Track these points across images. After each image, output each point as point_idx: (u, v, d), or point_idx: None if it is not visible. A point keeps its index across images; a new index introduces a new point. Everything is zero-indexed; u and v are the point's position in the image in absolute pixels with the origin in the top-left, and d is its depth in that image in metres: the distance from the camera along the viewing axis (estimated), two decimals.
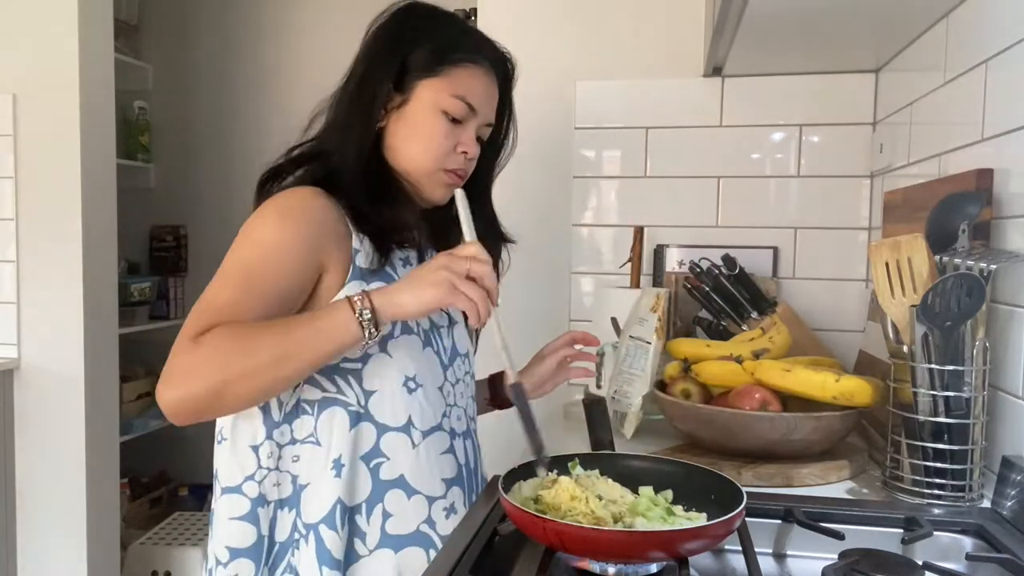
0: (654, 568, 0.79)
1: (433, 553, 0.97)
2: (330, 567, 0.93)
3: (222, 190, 3.24)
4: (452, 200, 1.02)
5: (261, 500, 0.96)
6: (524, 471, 0.92)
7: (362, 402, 0.96)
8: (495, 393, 1.24)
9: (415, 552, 0.98)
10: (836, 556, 0.85)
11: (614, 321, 1.57)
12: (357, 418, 0.96)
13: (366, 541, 0.97)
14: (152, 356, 3.23)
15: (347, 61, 1.10)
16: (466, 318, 0.98)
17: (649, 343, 1.40)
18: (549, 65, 1.88)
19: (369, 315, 0.87)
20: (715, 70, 1.74)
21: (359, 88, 1.01)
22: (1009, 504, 0.95)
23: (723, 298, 1.60)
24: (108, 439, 2.49)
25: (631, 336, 1.44)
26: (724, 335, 1.58)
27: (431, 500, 1.00)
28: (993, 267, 0.99)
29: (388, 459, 0.98)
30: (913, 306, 1.02)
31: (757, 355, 1.35)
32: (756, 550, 0.83)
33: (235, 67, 3.21)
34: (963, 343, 1.00)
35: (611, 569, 0.79)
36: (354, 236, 0.97)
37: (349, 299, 0.87)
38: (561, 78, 1.87)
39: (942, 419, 1.01)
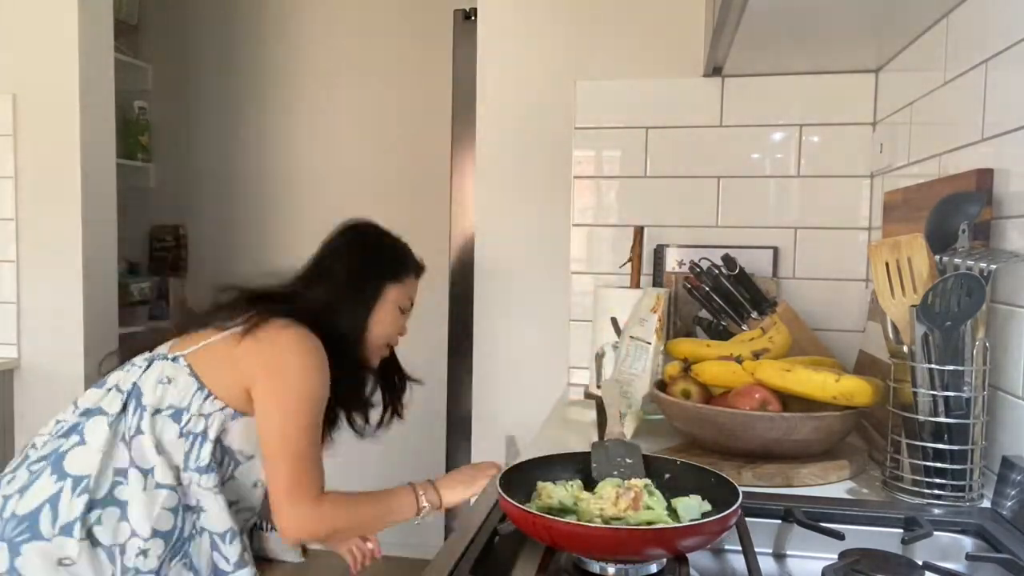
0: (654, 568, 0.79)
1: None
2: (220, 556, 1.27)
3: (222, 190, 3.24)
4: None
5: (184, 505, 1.24)
6: (536, 472, 0.92)
7: (230, 474, 1.32)
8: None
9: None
10: (836, 556, 0.85)
11: (614, 321, 1.57)
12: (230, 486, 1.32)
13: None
14: None
15: (347, 61, 1.11)
16: None
17: (649, 343, 1.40)
18: (549, 65, 1.89)
19: (426, 505, 1.32)
20: (715, 70, 1.74)
21: (355, 288, 1.40)
22: (1009, 504, 0.95)
23: (723, 298, 1.60)
24: None
25: (631, 336, 1.45)
26: (724, 335, 1.58)
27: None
28: (993, 267, 0.98)
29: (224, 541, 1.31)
30: (913, 306, 1.01)
31: (757, 355, 1.35)
32: (756, 550, 0.83)
33: (235, 67, 3.21)
34: (963, 343, 1.00)
35: (611, 569, 0.79)
36: None
37: (415, 491, 1.32)
38: (561, 78, 1.87)
39: (942, 419, 1.01)
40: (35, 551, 1.13)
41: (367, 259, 1.44)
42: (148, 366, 1.30)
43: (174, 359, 1.28)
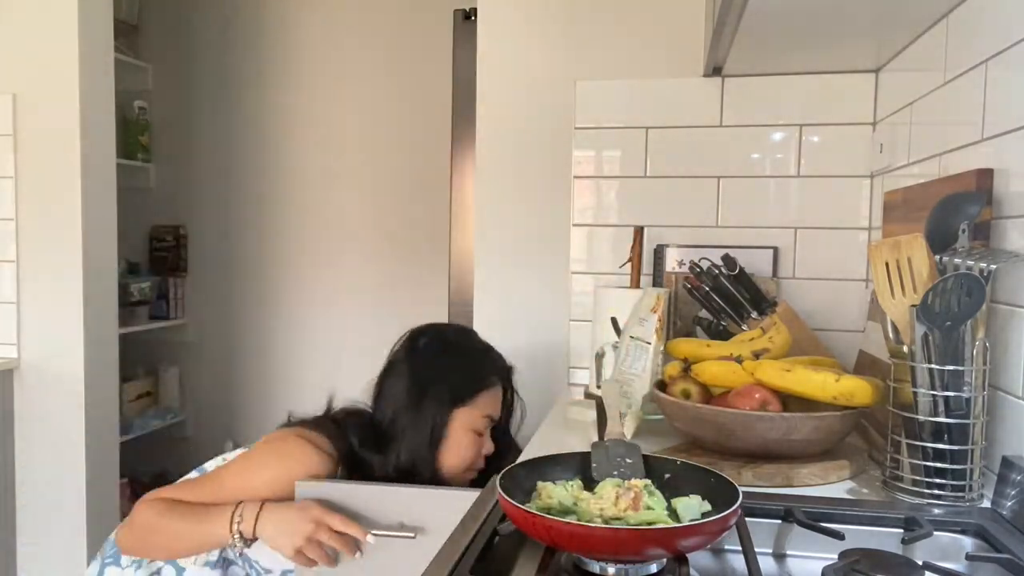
0: (654, 568, 0.79)
1: None
2: None
3: (222, 190, 3.24)
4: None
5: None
6: (536, 472, 0.92)
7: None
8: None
9: None
10: (836, 556, 0.85)
11: (614, 321, 1.57)
12: None
13: None
14: (152, 356, 3.23)
15: (346, 61, 1.11)
16: None
17: (649, 343, 1.40)
18: (549, 65, 1.89)
19: (237, 531, 1.21)
20: (715, 70, 1.74)
21: (415, 425, 1.30)
22: (1009, 504, 0.95)
23: (723, 298, 1.60)
24: (108, 439, 2.49)
25: (631, 336, 1.44)
26: (724, 335, 1.58)
27: None
28: (993, 267, 0.98)
29: None
30: (913, 306, 1.01)
31: (757, 355, 1.35)
32: (756, 550, 0.83)
33: (235, 67, 3.21)
34: (963, 343, 1.00)
35: (611, 569, 0.79)
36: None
37: (231, 522, 1.20)
38: (561, 78, 1.87)
39: (942, 419, 1.01)
40: None
41: (427, 381, 1.32)
42: None
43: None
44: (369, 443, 1.30)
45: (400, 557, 1.19)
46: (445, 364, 1.35)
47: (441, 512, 1.18)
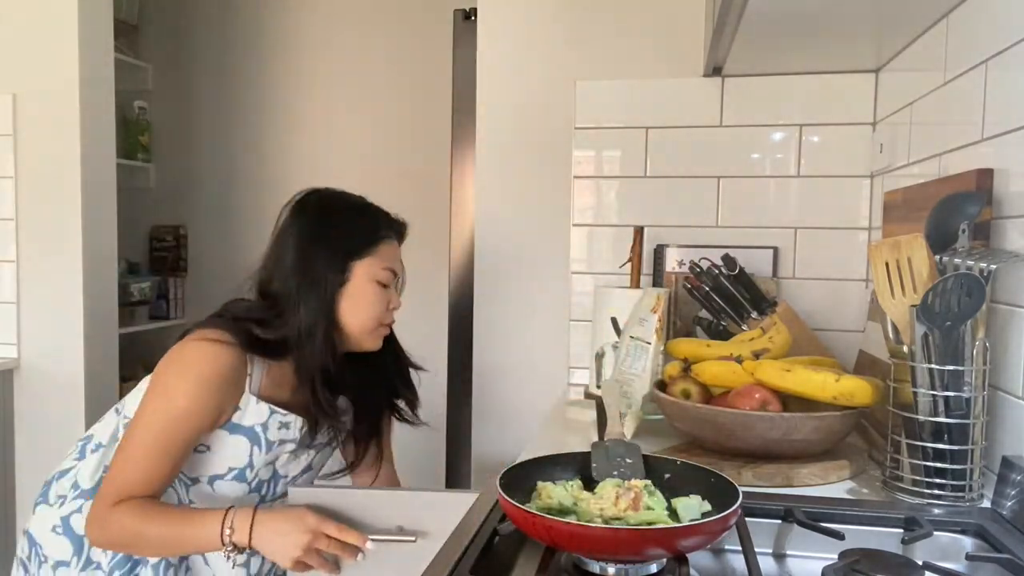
0: (654, 568, 0.79)
1: None
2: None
3: (222, 190, 3.24)
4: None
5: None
6: (536, 472, 0.92)
7: (184, 502, 1.24)
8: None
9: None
10: (836, 556, 0.85)
11: (614, 321, 1.57)
12: None
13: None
14: (152, 356, 3.22)
15: (346, 60, 1.12)
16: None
17: (649, 343, 1.40)
18: (549, 65, 1.89)
19: (228, 538, 1.13)
20: (715, 70, 1.74)
21: (308, 275, 1.22)
22: (1009, 504, 0.95)
23: (723, 298, 1.60)
24: None
25: (631, 336, 1.44)
26: (724, 335, 1.58)
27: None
28: (993, 267, 0.98)
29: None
30: (913, 306, 1.01)
31: (757, 355, 1.35)
32: (756, 550, 0.83)
33: (235, 67, 3.21)
34: (963, 343, 1.00)
35: (611, 569, 0.79)
36: (245, 395, 1.19)
37: (222, 532, 1.12)
38: (561, 78, 1.87)
39: (942, 419, 1.01)
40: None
41: (317, 238, 1.25)
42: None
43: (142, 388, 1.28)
44: (268, 320, 1.22)
45: (399, 560, 1.16)
46: (337, 219, 1.28)
47: (440, 514, 1.12)
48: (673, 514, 0.84)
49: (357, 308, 1.24)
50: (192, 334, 1.20)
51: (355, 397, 1.35)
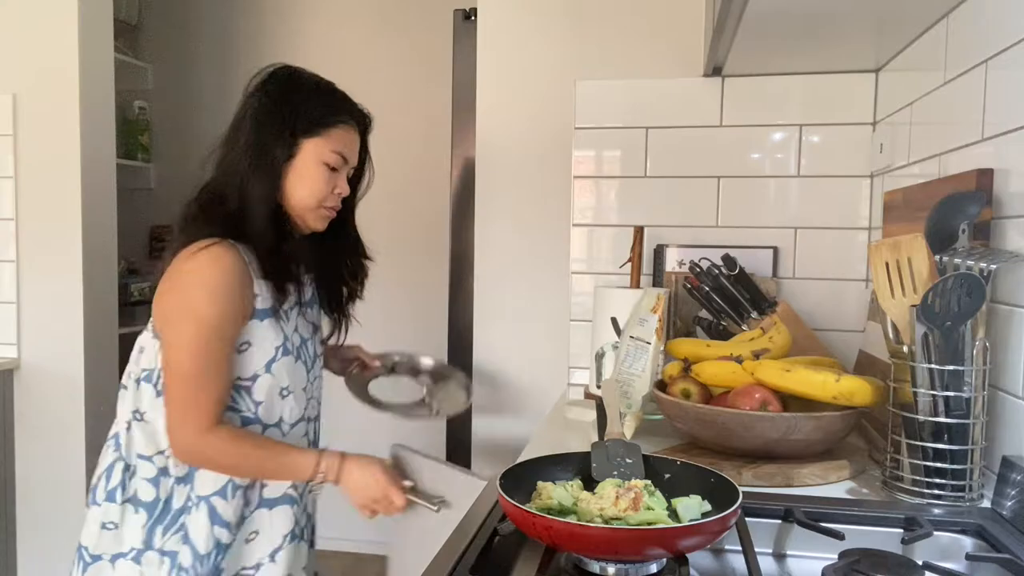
0: (654, 568, 0.79)
1: (296, 508, 1.30)
2: (220, 526, 1.23)
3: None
4: (332, 228, 1.34)
5: (164, 472, 1.23)
6: (536, 472, 0.92)
7: (252, 410, 1.26)
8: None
9: (283, 508, 1.29)
10: (836, 556, 0.85)
11: (614, 321, 1.57)
12: (247, 421, 1.26)
13: (250, 506, 1.28)
14: None
15: (346, 61, 1.12)
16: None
17: (649, 343, 1.40)
18: (549, 65, 1.89)
19: (321, 477, 1.25)
20: (715, 70, 1.74)
21: (258, 146, 1.25)
22: (1009, 504, 0.95)
23: (723, 298, 1.60)
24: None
25: (631, 336, 1.44)
26: (724, 335, 1.58)
27: None
28: (993, 267, 0.99)
29: None
30: (913, 306, 1.02)
31: (757, 355, 1.35)
32: (756, 550, 0.83)
33: (235, 67, 3.21)
34: (963, 343, 1.00)
35: (611, 569, 0.79)
36: (255, 282, 1.22)
37: (317, 461, 1.24)
38: (561, 78, 1.87)
39: (942, 419, 1.01)
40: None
41: (273, 112, 1.26)
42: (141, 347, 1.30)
43: (149, 326, 1.27)
44: (223, 198, 1.25)
45: (420, 523, 1.30)
46: (296, 96, 1.29)
47: (457, 491, 1.28)
48: (673, 514, 0.84)
49: (300, 185, 1.26)
50: (179, 256, 1.21)
51: (317, 274, 1.40)
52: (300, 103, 1.28)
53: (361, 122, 1.34)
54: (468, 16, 2.07)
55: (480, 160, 1.95)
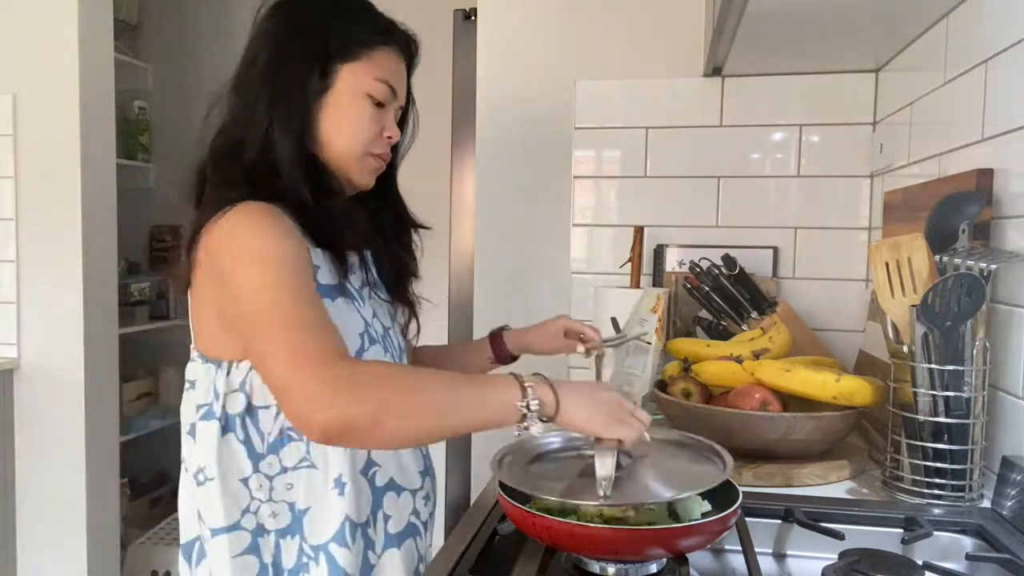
0: (654, 568, 0.79)
1: (420, 541, 1.04)
2: None
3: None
4: (375, 190, 1.07)
5: (260, 531, 0.96)
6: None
7: None
8: (498, 353, 1.27)
9: (410, 543, 1.03)
10: (836, 556, 0.85)
11: (614, 321, 1.57)
12: None
13: (375, 548, 0.99)
14: (152, 356, 3.23)
15: None
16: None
17: (649, 343, 1.40)
18: (549, 65, 1.88)
19: (537, 406, 0.81)
20: (715, 70, 1.74)
21: (281, 77, 0.98)
22: (1009, 504, 0.95)
23: (723, 298, 1.60)
24: (108, 439, 2.49)
25: (631, 335, 1.44)
26: (724, 335, 1.58)
27: (413, 493, 1.05)
28: (993, 267, 0.99)
29: (380, 466, 1.00)
30: (913, 306, 1.02)
31: (757, 355, 1.35)
32: (756, 550, 0.83)
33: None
34: (963, 343, 1.00)
35: (611, 569, 0.79)
36: (312, 252, 0.94)
37: (521, 384, 0.82)
38: (561, 78, 1.87)
39: (942, 419, 1.01)
40: None
41: (295, 33, 0.99)
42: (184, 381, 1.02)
43: (191, 355, 1.00)
44: (238, 149, 0.98)
45: None
46: (326, 11, 1.00)
47: None
48: (673, 514, 0.84)
49: (342, 124, 0.99)
50: (217, 217, 0.91)
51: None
52: (331, 19, 0.99)
53: (406, 48, 1.08)
54: (468, 16, 2.07)
55: (480, 160, 1.95)
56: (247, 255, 0.88)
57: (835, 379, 1.14)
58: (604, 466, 0.78)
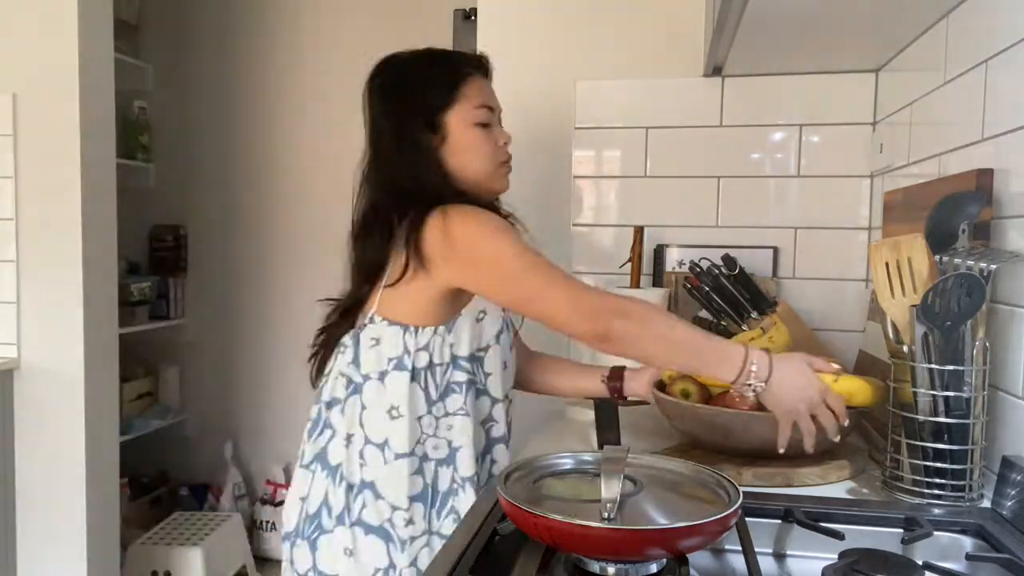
0: (654, 568, 0.79)
1: None
2: None
3: (222, 190, 3.24)
4: None
5: (425, 458, 1.17)
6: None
7: (483, 382, 1.23)
8: (615, 389, 1.38)
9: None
10: (836, 556, 0.85)
11: None
12: (479, 393, 1.23)
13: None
14: (152, 356, 3.23)
15: (346, 61, 1.12)
16: None
17: None
18: (549, 65, 1.89)
19: (755, 367, 1.03)
20: (715, 70, 1.74)
21: (409, 147, 1.18)
22: (1009, 504, 0.95)
23: (723, 298, 1.60)
24: (108, 439, 2.49)
25: None
26: (724, 335, 1.58)
27: (507, 447, 1.30)
28: (993, 267, 0.98)
29: (496, 422, 1.26)
30: (913, 306, 1.01)
31: None
32: (756, 550, 0.83)
33: (235, 67, 3.21)
34: (963, 343, 1.00)
35: (611, 569, 0.79)
36: None
37: (745, 346, 1.04)
38: (561, 78, 1.87)
39: (942, 419, 1.01)
40: (325, 544, 1.17)
41: (399, 108, 1.20)
42: (356, 342, 1.20)
43: (370, 320, 1.18)
44: (402, 209, 1.15)
45: None
46: (412, 78, 1.22)
47: None
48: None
49: (469, 158, 1.20)
50: (435, 214, 1.12)
51: None
52: (420, 83, 1.21)
53: (483, 67, 1.27)
54: (468, 16, 2.07)
55: None
56: (481, 234, 1.12)
57: (834, 379, 1.14)
58: (610, 488, 0.79)
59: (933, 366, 1.01)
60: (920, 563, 0.83)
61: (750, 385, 1.03)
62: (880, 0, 1.26)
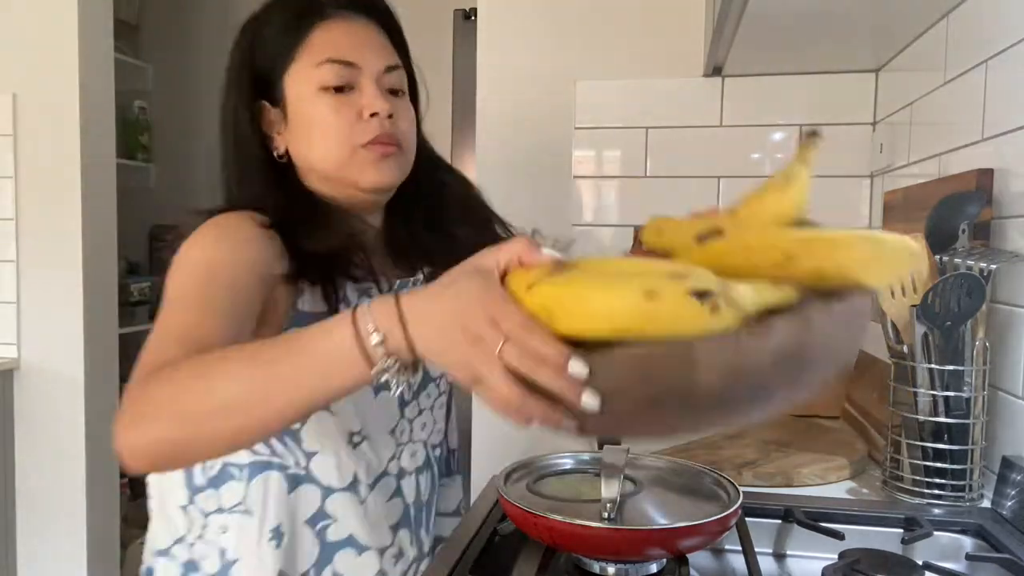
0: (654, 568, 0.79)
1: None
2: None
3: (222, 190, 3.24)
4: (400, 210, 0.92)
5: (192, 567, 0.86)
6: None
7: (302, 464, 0.85)
8: None
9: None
10: (836, 556, 0.85)
11: None
12: (296, 481, 0.85)
13: None
14: None
15: None
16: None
17: None
18: (549, 65, 1.88)
19: (378, 339, 0.56)
20: (715, 70, 1.74)
21: (236, 139, 0.93)
22: (1009, 504, 0.95)
23: None
24: (108, 439, 2.47)
25: None
26: None
27: (381, 551, 0.92)
28: (993, 267, 0.98)
29: (335, 520, 0.88)
30: (913, 306, 1.01)
31: (703, 238, 0.99)
32: (756, 550, 0.83)
33: None
34: (963, 343, 1.00)
35: (611, 569, 0.79)
36: (298, 285, 0.85)
37: (354, 313, 0.58)
38: (561, 78, 1.87)
39: (942, 419, 1.01)
40: None
41: (231, 71, 0.94)
42: None
43: None
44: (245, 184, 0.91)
45: None
46: (248, 31, 0.93)
47: None
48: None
49: (309, 138, 0.86)
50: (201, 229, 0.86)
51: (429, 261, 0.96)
52: (255, 38, 0.91)
53: (356, 7, 0.90)
54: (468, 16, 2.07)
55: (480, 160, 1.95)
56: (187, 256, 0.83)
57: (528, 285, 0.56)
58: (610, 488, 0.78)
59: (933, 366, 1.01)
60: (920, 563, 0.83)
61: (392, 358, 0.56)
62: (880, 0, 1.26)
